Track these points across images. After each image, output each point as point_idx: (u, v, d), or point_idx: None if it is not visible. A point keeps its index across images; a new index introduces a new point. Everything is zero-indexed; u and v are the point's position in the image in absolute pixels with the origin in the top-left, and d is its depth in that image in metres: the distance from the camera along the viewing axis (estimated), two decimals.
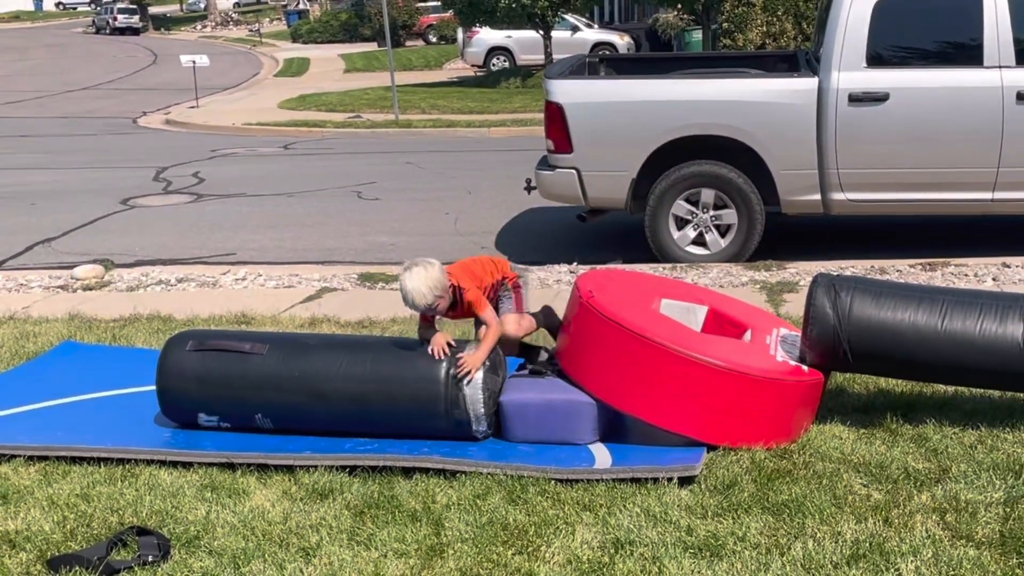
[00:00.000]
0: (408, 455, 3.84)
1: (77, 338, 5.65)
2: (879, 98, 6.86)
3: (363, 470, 3.77)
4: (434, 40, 39.19)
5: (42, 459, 3.97)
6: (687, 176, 7.24)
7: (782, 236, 7.71)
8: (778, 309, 5.77)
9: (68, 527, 3.45)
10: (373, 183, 11.70)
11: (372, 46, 37.82)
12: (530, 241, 8.43)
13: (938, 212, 7.25)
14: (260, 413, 4.12)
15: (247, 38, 47.16)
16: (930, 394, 4.36)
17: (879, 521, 3.32)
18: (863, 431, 4.02)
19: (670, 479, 3.61)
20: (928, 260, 6.83)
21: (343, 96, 22.42)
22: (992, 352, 3.80)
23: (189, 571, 3.17)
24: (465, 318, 4.30)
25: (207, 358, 4.18)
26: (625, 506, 3.46)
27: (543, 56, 23.85)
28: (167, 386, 4.21)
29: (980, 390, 4.25)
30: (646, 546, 3.21)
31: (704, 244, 7.32)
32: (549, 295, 6.34)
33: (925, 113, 6.83)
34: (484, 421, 3.98)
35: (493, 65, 27.32)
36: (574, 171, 7.36)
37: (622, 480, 3.63)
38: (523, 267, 4.49)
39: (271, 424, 4.15)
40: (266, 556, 3.23)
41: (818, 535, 3.24)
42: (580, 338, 4.05)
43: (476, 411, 3.96)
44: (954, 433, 3.95)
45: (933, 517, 3.34)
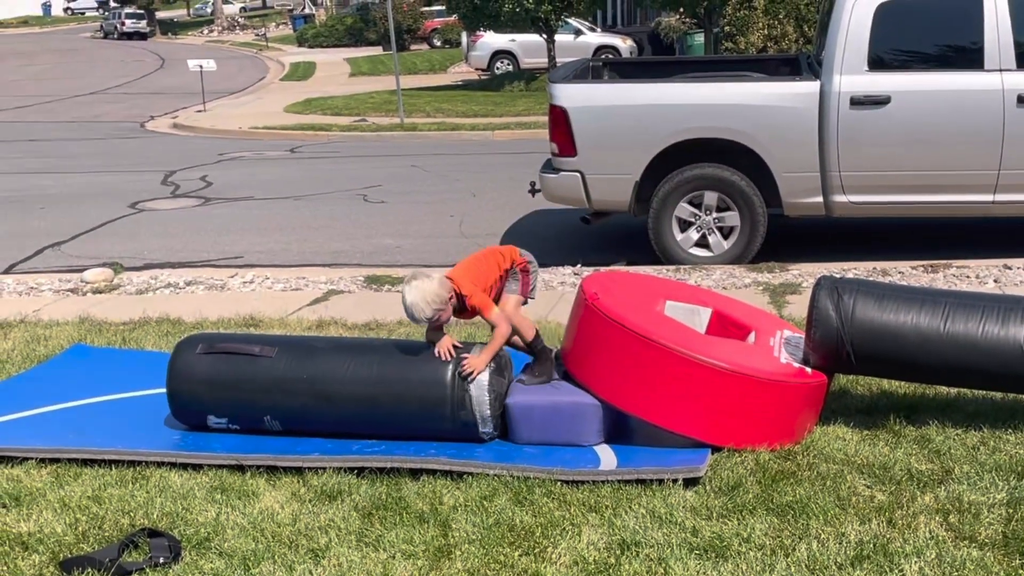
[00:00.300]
0: (415, 457, 3.86)
1: (87, 341, 5.67)
2: (880, 101, 6.88)
3: (371, 472, 3.78)
4: (438, 44, 39.24)
5: (54, 461, 3.98)
6: (690, 179, 7.27)
7: (784, 238, 7.73)
8: (781, 311, 5.79)
9: (80, 529, 3.46)
10: (379, 186, 11.73)
11: (377, 50, 37.87)
12: (534, 243, 8.39)
13: (939, 214, 7.25)
14: (269, 415, 4.15)
15: (253, 42, 47.27)
16: (933, 396, 4.36)
17: (883, 522, 3.32)
18: (866, 432, 4.02)
19: (675, 480, 3.62)
20: (930, 262, 6.84)
21: (349, 100, 22.47)
22: (994, 354, 3.81)
23: (200, 572, 3.18)
24: (475, 318, 4.31)
25: (216, 361, 4.20)
26: (631, 507, 3.47)
27: (547, 60, 23.86)
28: (177, 388, 4.24)
29: (983, 392, 4.26)
30: (652, 547, 3.21)
31: (707, 246, 7.34)
32: (554, 297, 6.38)
33: (926, 116, 6.84)
34: (490, 423, 4.01)
35: (497, 69, 27.34)
36: (578, 174, 7.39)
37: (627, 481, 3.64)
38: (531, 256, 4.40)
39: (279, 426, 4.18)
40: (276, 557, 3.24)
41: (822, 536, 3.25)
42: (585, 340, 4.07)
43: (482, 412, 3.98)
44: (957, 434, 3.96)
45: (936, 518, 3.34)
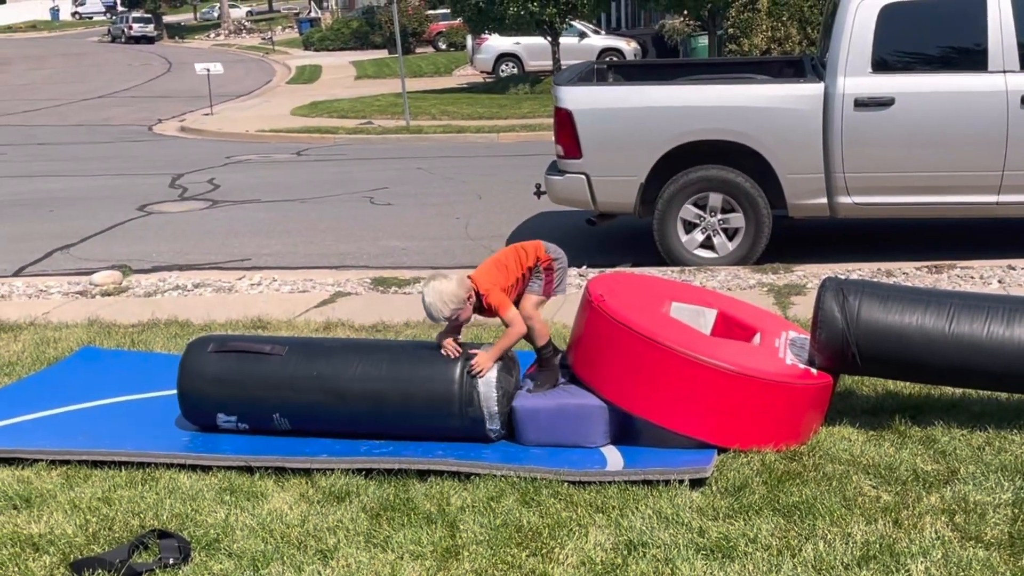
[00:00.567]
0: (423, 458, 3.88)
1: (96, 343, 5.70)
2: (884, 103, 6.88)
3: (379, 473, 3.80)
4: (444, 47, 39.31)
5: (64, 463, 3.99)
6: (695, 180, 7.28)
7: (789, 239, 7.74)
8: (786, 312, 5.80)
9: (90, 530, 3.47)
10: (385, 188, 11.75)
11: (383, 53, 37.95)
12: None
13: (943, 215, 7.25)
14: (278, 413, 4.16)
15: (260, 46, 47.40)
16: (938, 396, 4.37)
17: (889, 522, 3.33)
18: (872, 433, 4.03)
19: (681, 481, 3.63)
20: (934, 262, 6.84)
21: (355, 103, 22.52)
22: (999, 355, 3.82)
23: (209, 573, 3.20)
24: (495, 318, 4.27)
25: (227, 359, 4.22)
26: (637, 508, 3.48)
27: (551, 62, 23.89)
28: (187, 387, 4.25)
29: (988, 392, 4.26)
30: (659, 548, 3.22)
31: (712, 247, 7.36)
32: (559, 299, 6.36)
33: (930, 118, 6.85)
34: (497, 419, 4.03)
35: (502, 71, 27.41)
36: (583, 176, 7.41)
37: (634, 482, 3.65)
38: (559, 251, 4.28)
39: (288, 424, 4.18)
40: (284, 558, 3.26)
41: (828, 536, 3.25)
42: (591, 341, 4.08)
43: (490, 409, 4.00)
44: (962, 435, 3.97)
45: (942, 518, 3.35)
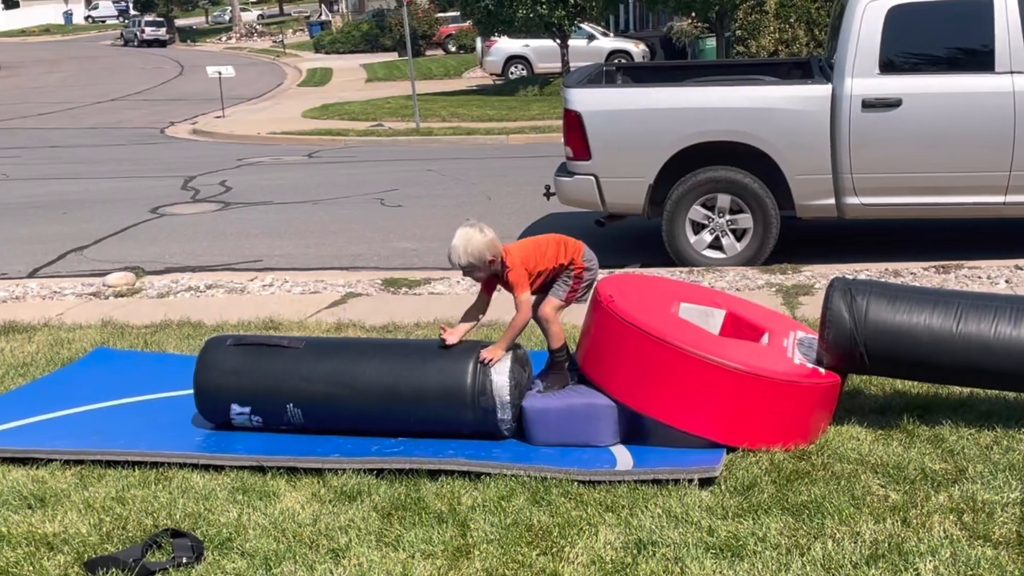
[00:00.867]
0: (434, 458, 3.90)
1: (110, 344, 5.73)
2: (892, 104, 6.89)
3: (390, 472, 3.81)
4: (453, 49, 39.37)
5: (78, 463, 4.02)
6: (703, 182, 7.30)
7: (797, 240, 7.74)
8: (794, 312, 5.80)
9: (104, 529, 3.49)
10: (395, 190, 11.78)
11: (393, 56, 38.05)
12: None
13: (951, 216, 7.25)
14: (292, 403, 4.17)
15: (271, 49, 47.58)
16: (946, 395, 4.37)
17: (897, 521, 3.34)
18: (880, 432, 4.03)
19: (691, 480, 3.64)
20: (941, 263, 6.84)
21: (365, 105, 22.59)
22: (1007, 354, 3.82)
23: (222, 572, 3.21)
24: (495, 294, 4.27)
25: (245, 352, 4.29)
26: (647, 507, 3.49)
27: (560, 64, 23.92)
28: (203, 377, 4.27)
29: (996, 391, 4.26)
30: (668, 547, 3.23)
31: (720, 248, 7.37)
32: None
33: (937, 118, 6.85)
34: (509, 410, 4.04)
35: (511, 73, 27.45)
36: (592, 177, 7.43)
37: (644, 481, 3.66)
38: (595, 261, 4.26)
39: (301, 417, 4.19)
40: (297, 557, 3.27)
41: (837, 535, 3.26)
42: (600, 342, 4.10)
43: (502, 399, 4.02)
44: (970, 434, 3.97)
45: (951, 517, 3.35)
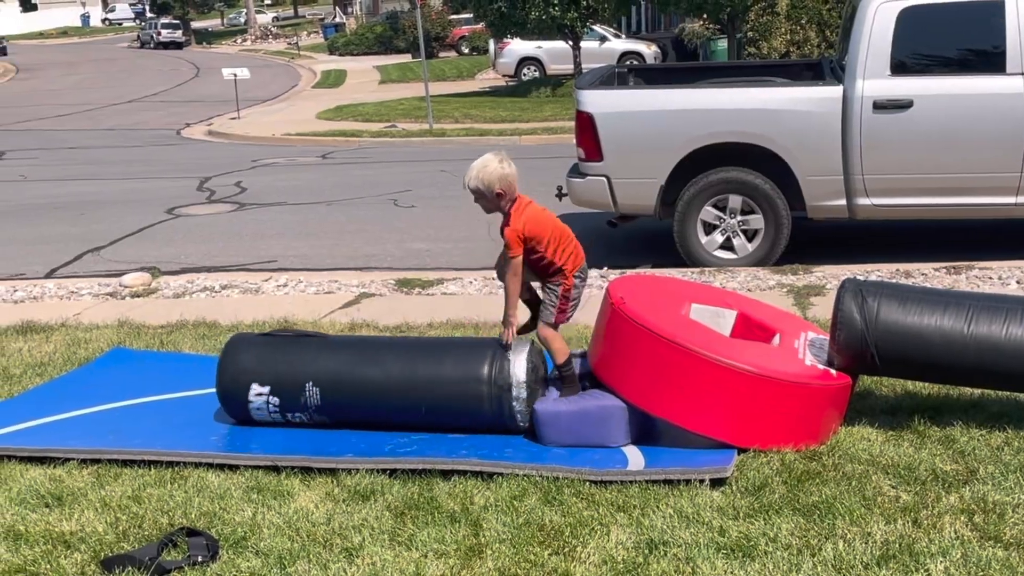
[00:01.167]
0: (447, 458, 3.92)
1: (126, 344, 5.77)
2: (903, 105, 6.89)
3: (403, 472, 3.83)
4: (466, 51, 39.40)
5: (94, 462, 4.05)
6: (715, 182, 7.32)
7: (808, 240, 7.74)
8: (805, 312, 5.80)
9: (121, 528, 3.52)
10: (409, 191, 11.82)
11: (406, 58, 38.13)
12: None
13: (962, 216, 7.25)
14: (311, 382, 4.22)
15: (286, 51, 47.72)
16: (957, 397, 4.37)
17: (908, 522, 3.34)
18: (891, 433, 4.04)
19: (702, 480, 3.65)
20: (952, 263, 6.83)
21: (379, 106, 22.65)
22: (1018, 356, 3.82)
23: (237, 571, 3.23)
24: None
25: (272, 340, 4.45)
26: (658, 507, 3.50)
27: (572, 66, 23.93)
28: (227, 359, 4.36)
29: (1007, 392, 4.26)
30: (679, 547, 3.24)
31: (732, 249, 7.38)
32: (582, 300, 6.42)
33: (949, 120, 6.85)
34: (524, 389, 4.07)
35: (524, 75, 27.48)
36: (604, 178, 7.46)
37: (655, 481, 3.67)
38: (586, 275, 4.35)
39: (318, 398, 4.22)
40: (311, 556, 3.29)
41: (848, 536, 3.26)
42: (612, 343, 4.12)
43: (518, 378, 4.06)
44: (981, 435, 3.97)
45: (961, 518, 3.35)
